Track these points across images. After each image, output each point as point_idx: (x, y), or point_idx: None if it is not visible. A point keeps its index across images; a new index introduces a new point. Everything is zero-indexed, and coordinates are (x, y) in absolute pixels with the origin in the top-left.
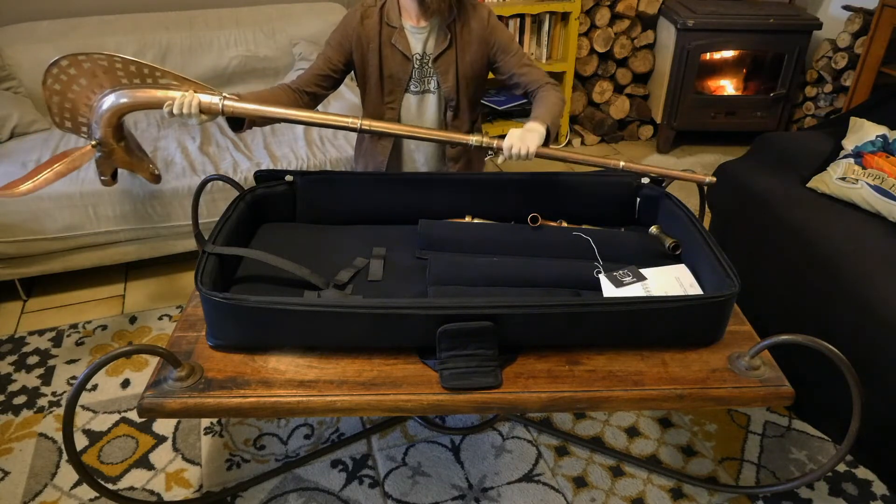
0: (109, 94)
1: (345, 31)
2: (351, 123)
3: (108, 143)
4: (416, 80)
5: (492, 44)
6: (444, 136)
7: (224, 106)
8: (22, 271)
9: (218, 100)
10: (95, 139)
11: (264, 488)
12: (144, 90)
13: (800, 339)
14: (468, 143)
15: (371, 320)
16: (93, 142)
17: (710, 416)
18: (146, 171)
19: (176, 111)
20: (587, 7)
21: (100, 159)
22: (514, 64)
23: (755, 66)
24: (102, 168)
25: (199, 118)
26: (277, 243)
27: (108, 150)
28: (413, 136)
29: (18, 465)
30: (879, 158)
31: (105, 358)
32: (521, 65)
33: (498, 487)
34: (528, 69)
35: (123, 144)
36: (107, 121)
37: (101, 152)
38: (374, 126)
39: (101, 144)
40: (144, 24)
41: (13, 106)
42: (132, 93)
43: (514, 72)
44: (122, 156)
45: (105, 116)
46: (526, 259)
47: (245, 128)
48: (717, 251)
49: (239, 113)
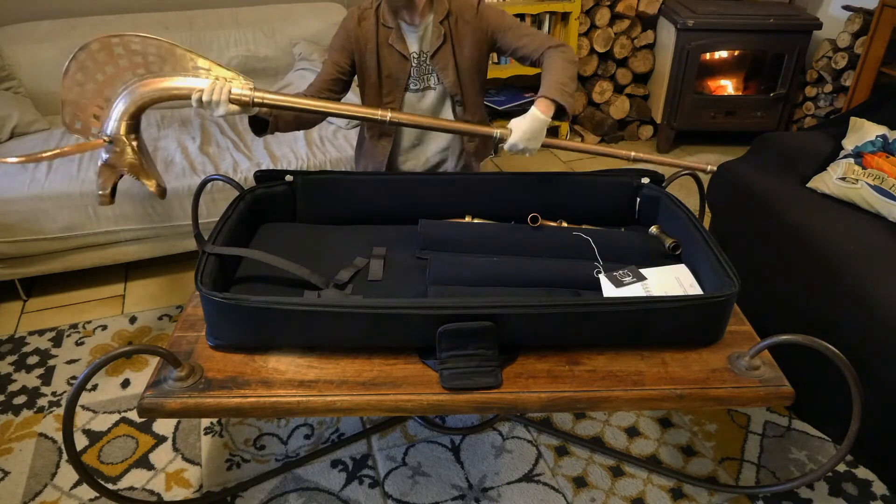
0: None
1: (346, 33)
2: (380, 116)
3: (121, 141)
4: (415, 78)
5: (485, 29)
6: (470, 128)
7: (255, 98)
8: (22, 271)
9: (249, 91)
10: (108, 135)
11: (264, 488)
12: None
13: (800, 339)
14: (492, 134)
15: (371, 320)
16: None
17: (710, 416)
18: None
19: (206, 98)
20: (587, 7)
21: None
22: (513, 38)
23: (755, 66)
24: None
25: (228, 108)
26: (277, 243)
27: (120, 148)
28: (440, 129)
29: (18, 465)
30: (879, 158)
31: (105, 358)
32: (519, 37)
33: (498, 487)
34: (528, 39)
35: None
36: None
37: (109, 152)
38: (402, 118)
39: (114, 142)
40: (144, 24)
41: (13, 106)
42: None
43: (516, 46)
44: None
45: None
46: (526, 259)
47: (269, 131)
48: (717, 251)
49: (269, 104)
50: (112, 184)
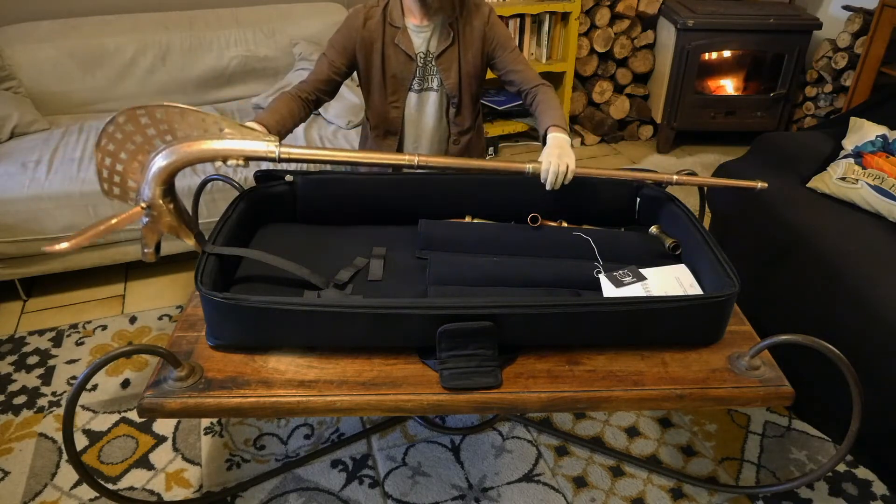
0: (164, 149)
1: (348, 33)
2: (407, 161)
3: (158, 205)
4: (419, 78)
5: (491, 39)
6: (504, 166)
7: (280, 154)
8: (22, 271)
9: (274, 147)
10: (144, 201)
11: (264, 488)
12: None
13: (800, 339)
14: (524, 171)
15: (371, 320)
16: (143, 204)
17: (710, 416)
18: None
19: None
20: (587, 7)
21: (146, 226)
22: (511, 61)
23: (755, 66)
24: (147, 238)
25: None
26: (277, 243)
27: (158, 212)
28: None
29: (18, 465)
30: (879, 158)
31: (105, 358)
32: (517, 62)
33: (498, 487)
34: (523, 66)
35: (173, 206)
36: (159, 178)
37: (148, 216)
38: (430, 161)
39: (151, 207)
40: (144, 24)
41: (13, 106)
42: (188, 146)
43: (511, 69)
44: (170, 219)
45: (157, 174)
46: (526, 259)
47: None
48: (717, 251)
49: (295, 159)
50: (155, 243)
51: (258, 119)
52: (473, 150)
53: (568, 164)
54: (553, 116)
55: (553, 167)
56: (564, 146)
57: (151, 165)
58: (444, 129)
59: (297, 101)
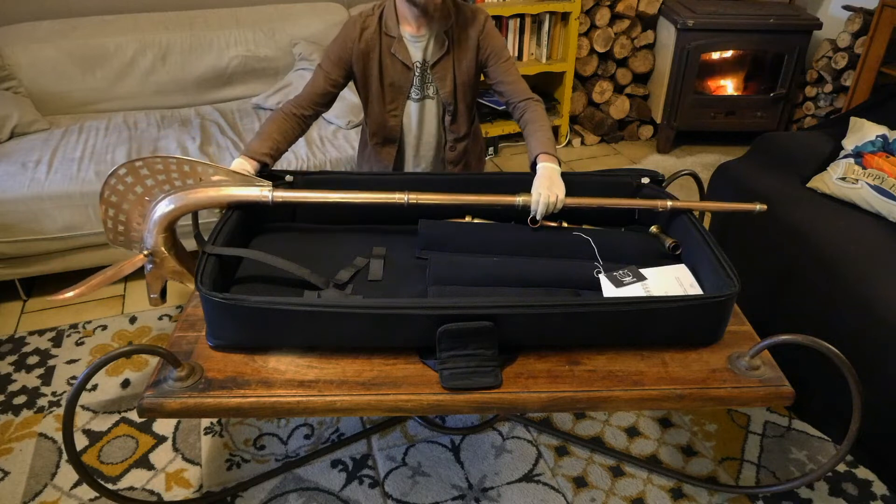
0: (162, 199)
1: (344, 44)
2: (398, 200)
3: (160, 252)
4: (416, 87)
5: (485, 48)
6: (493, 200)
7: (274, 198)
8: (22, 271)
9: (268, 192)
10: (147, 249)
11: (264, 488)
12: (196, 191)
13: (800, 339)
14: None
15: (371, 320)
16: (145, 251)
17: (710, 416)
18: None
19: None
20: (587, 7)
21: (150, 273)
22: (503, 72)
23: (755, 66)
24: (153, 284)
25: None
26: (277, 244)
27: (160, 259)
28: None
29: (18, 465)
30: (879, 158)
31: (105, 358)
32: (509, 73)
33: (498, 487)
34: (515, 78)
35: (174, 253)
36: (159, 227)
37: (152, 263)
38: (421, 199)
39: (153, 254)
40: (144, 24)
41: (13, 106)
42: (185, 195)
43: (503, 79)
44: (173, 265)
45: (158, 222)
46: (526, 259)
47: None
48: (717, 251)
49: (290, 202)
50: (160, 288)
51: (251, 150)
52: (470, 155)
53: (558, 195)
54: (542, 142)
55: (543, 199)
56: (554, 177)
57: (153, 214)
58: (441, 136)
59: (291, 120)
